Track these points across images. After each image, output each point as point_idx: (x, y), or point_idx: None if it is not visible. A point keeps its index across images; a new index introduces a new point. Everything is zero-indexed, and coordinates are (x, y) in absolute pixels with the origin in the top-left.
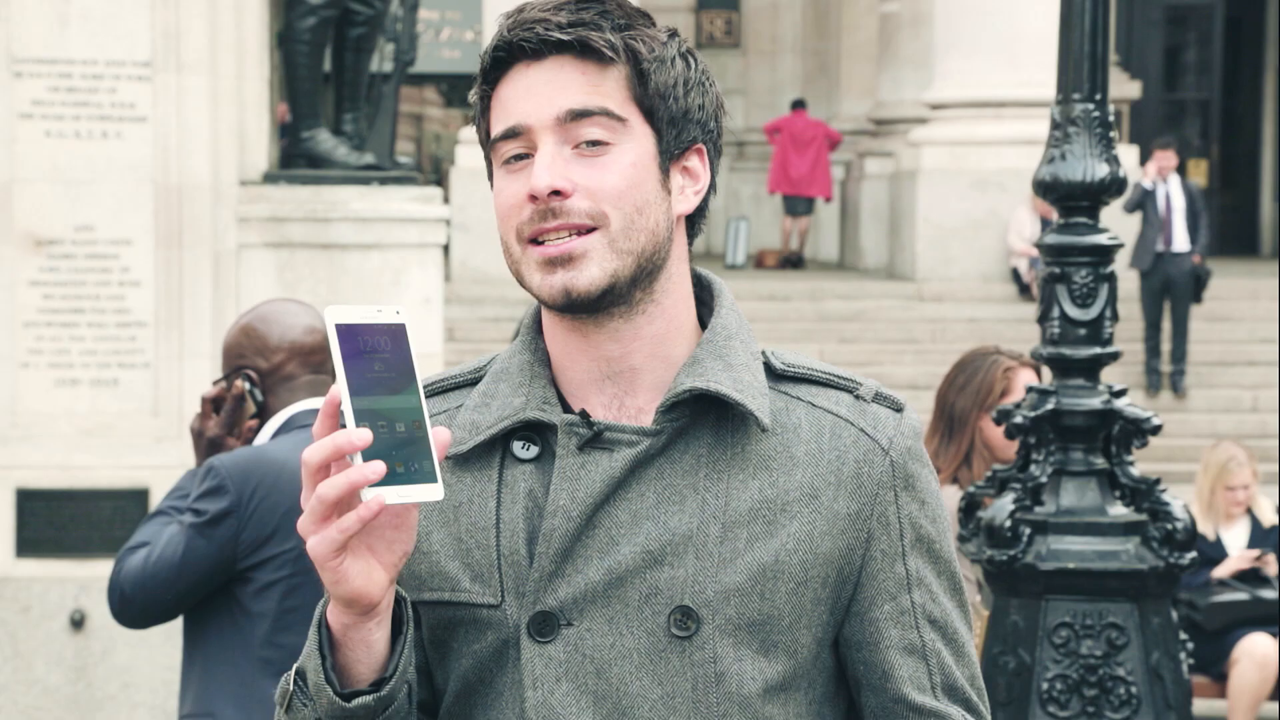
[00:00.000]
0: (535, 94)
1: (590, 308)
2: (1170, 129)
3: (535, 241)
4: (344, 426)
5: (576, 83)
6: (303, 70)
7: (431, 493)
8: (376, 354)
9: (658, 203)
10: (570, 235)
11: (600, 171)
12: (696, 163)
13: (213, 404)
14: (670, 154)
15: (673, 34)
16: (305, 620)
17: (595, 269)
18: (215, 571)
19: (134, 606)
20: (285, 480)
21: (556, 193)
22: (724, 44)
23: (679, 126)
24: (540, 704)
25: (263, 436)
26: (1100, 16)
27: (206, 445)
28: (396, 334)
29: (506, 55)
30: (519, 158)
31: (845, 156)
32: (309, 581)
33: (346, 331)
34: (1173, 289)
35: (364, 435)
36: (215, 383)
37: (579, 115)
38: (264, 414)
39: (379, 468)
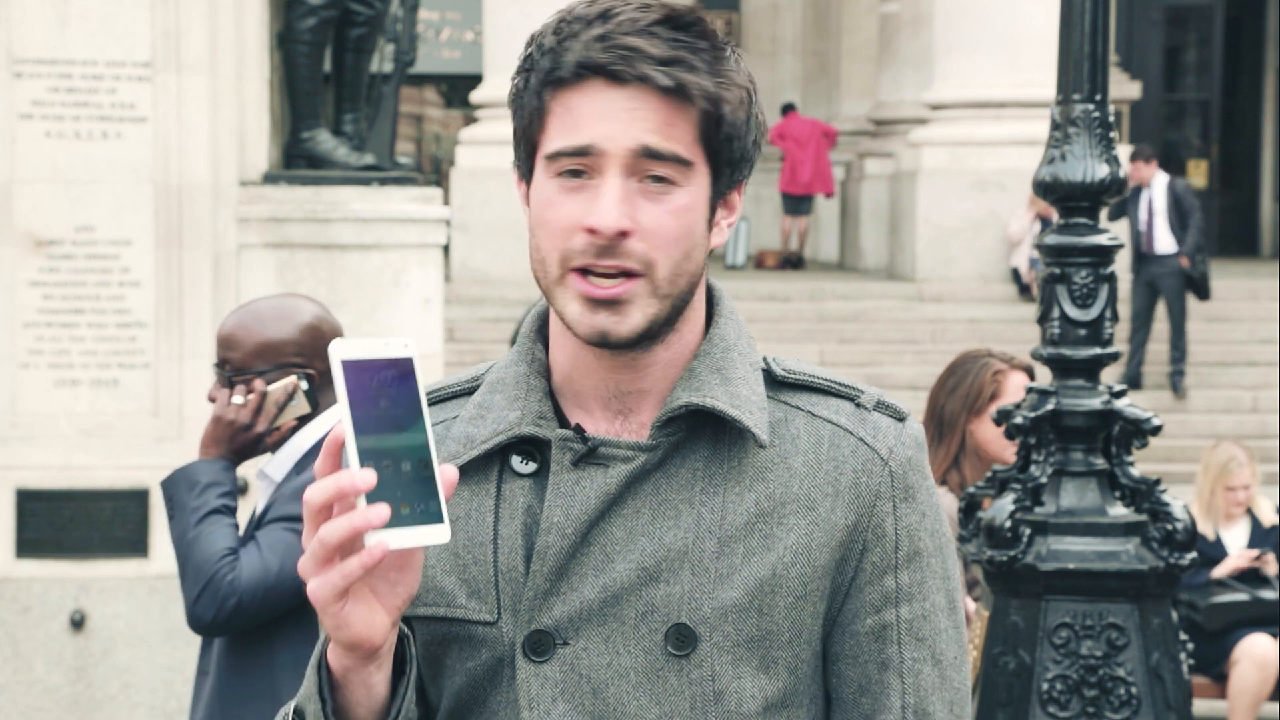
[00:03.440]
0: (614, 119)
1: (623, 349)
2: (1170, 129)
3: (581, 271)
4: (348, 465)
5: (656, 117)
6: (303, 70)
7: (437, 535)
8: (383, 390)
9: (702, 244)
10: (620, 276)
11: (662, 213)
12: (734, 195)
13: (261, 398)
14: (721, 193)
15: (734, 47)
16: None
17: (637, 315)
18: None
19: (246, 615)
20: None
21: (622, 233)
22: None
23: (735, 167)
24: None
25: (302, 441)
26: (1100, 16)
27: (251, 441)
28: (404, 368)
29: (591, 73)
30: (576, 174)
31: (845, 156)
32: None
33: (353, 368)
34: (1162, 291)
35: (368, 478)
36: (237, 375)
37: (652, 155)
38: (314, 414)
39: (383, 512)
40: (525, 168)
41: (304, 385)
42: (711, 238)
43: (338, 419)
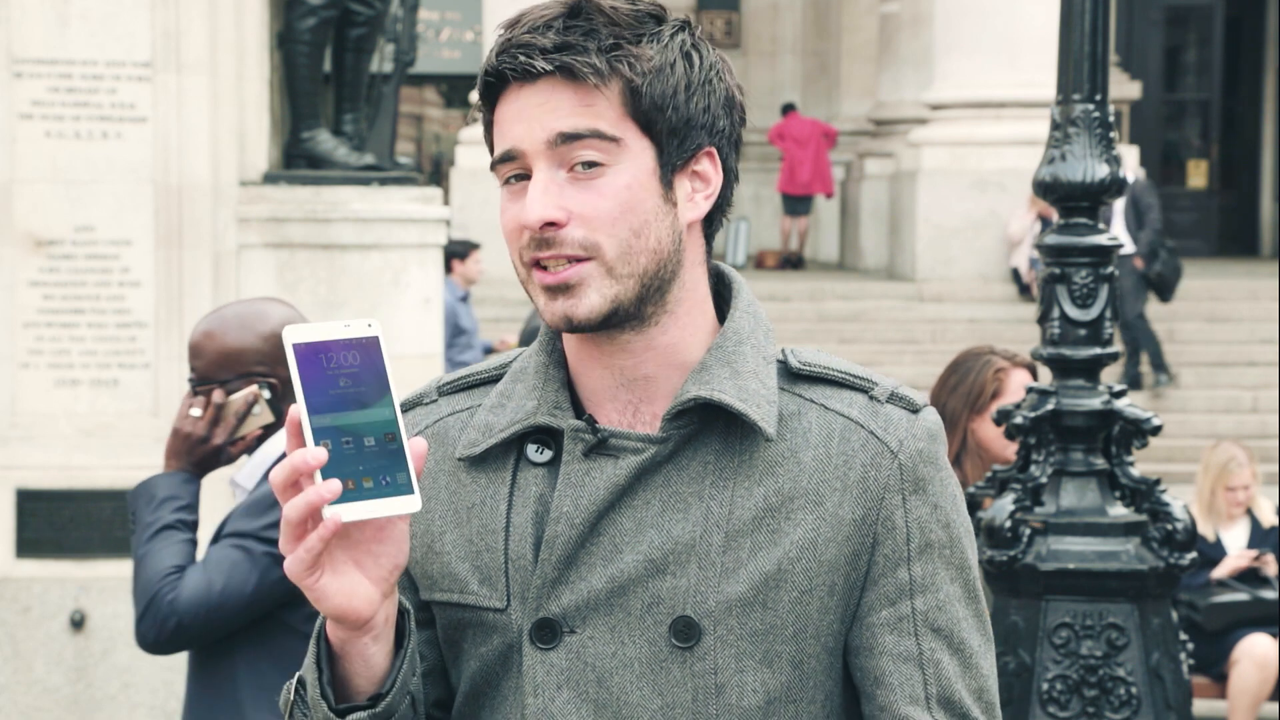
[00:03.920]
0: (527, 117)
1: (594, 330)
2: (1170, 129)
3: (538, 265)
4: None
5: (568, 104)
6: (303, 70)
7: (405, 505)
8: (343, 370)
9: (659, 219)
10: (567, 263)
11: (594, 196)
12: (707, 165)
13: (218, 410)
14: (673, 165)
15: (680, 28)
16: None
17: (595, 296)
18: (281, 598)
19: (189, 634)
20: None
21: (551, 224)
22: (724, 44)
23: (681, 136)
24: (540, 711)
25: (268, 452)
26: (1100, 16)
27: (209, 453)
28: (367, 348)
29: (496, 81)
30: (519, 177)
31: (845, 156)
32: None
33: (306, 350)
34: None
35: (318, 454)
36: (205, 385)
37: (570, 138)
38: (275, 424)
39: (334, 487)
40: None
41: (266, 394)
42: (684, 212)
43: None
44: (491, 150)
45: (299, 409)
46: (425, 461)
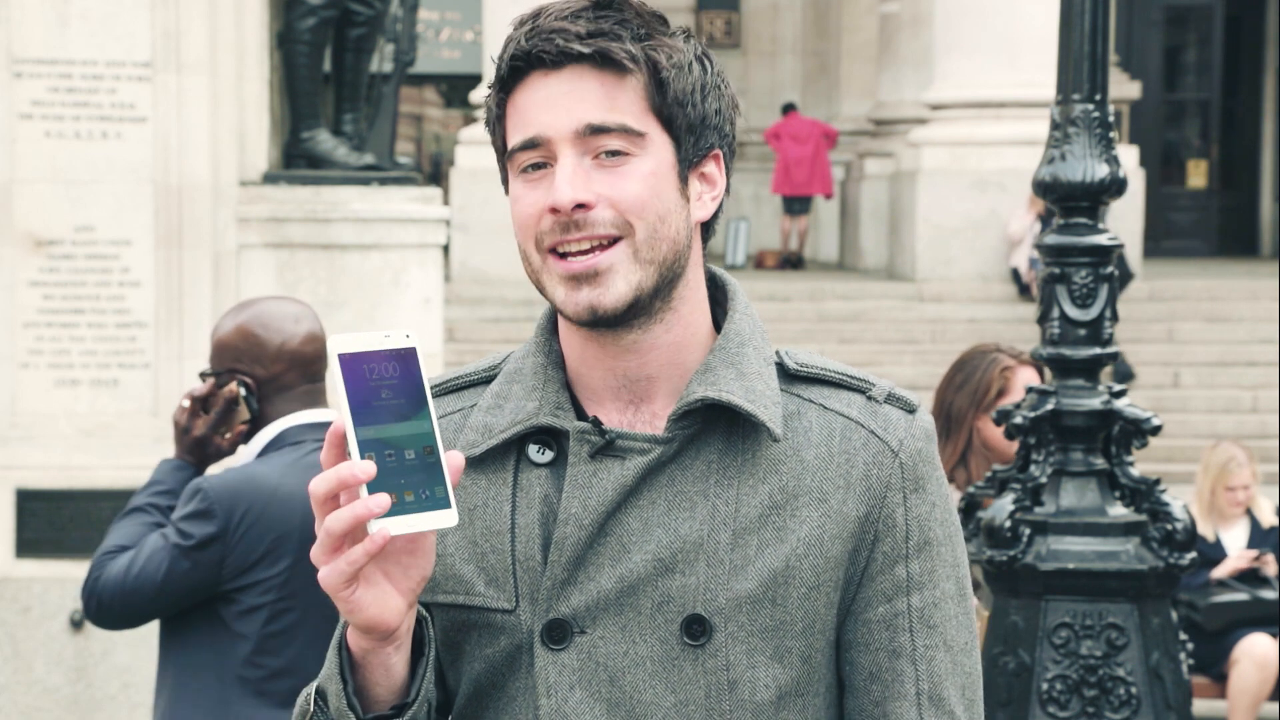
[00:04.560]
0: (554, 105)
1: (614, 323)
2: (1170, 129)
3: (556, 253)
4: (350, 457)
5: (595, 94)
6: (303, 70)
7: (444, 519)
8: (384, 381)
9: (678, 211)
10: (593, 248)
11: (622, 181)
12: (714, 168)
13: (200, 401)
14: (689, 161)
15: (687, 35)
16: (288, 644)
17: (621, 284)
18: (197, 591)
19: (111, 614)
20: (276, 505)
21: (580, 205)
22: (724, 44)
23: (697, 134)
24: (554, 711)
25: (252, 447)
26: (1100, 16)
27: (192, 443)
28: (406, 358)
29: (524, 65)
30: (537, 166)
31: (845, 156)
32: (295, 606)
33: (351, 360)
34: None
35: (367, 468)
36: (204, 376)
37: (598, 130)
38: (258, 421)
39: (383, 501)
40: (504, 176)
41: (242, 391)
42: (694, 210)
43: (338, 412)
44: (500, 141)
45: (344, 421)
46: (460, 475)
